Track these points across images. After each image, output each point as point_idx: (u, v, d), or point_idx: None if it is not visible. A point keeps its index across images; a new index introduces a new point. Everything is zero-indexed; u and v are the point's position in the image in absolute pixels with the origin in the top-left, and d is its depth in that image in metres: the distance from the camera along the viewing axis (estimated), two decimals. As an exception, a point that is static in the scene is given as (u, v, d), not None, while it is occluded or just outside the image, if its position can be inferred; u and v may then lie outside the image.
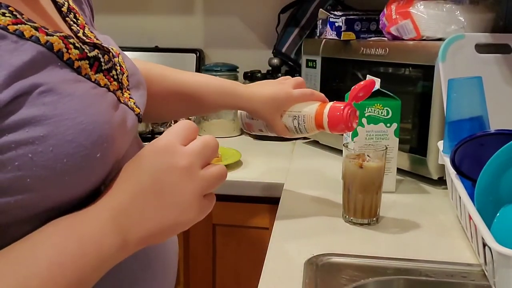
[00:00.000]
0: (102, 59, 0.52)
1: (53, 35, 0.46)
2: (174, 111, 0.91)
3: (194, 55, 1.71)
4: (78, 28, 0.56)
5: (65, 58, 0.47)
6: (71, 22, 0.56)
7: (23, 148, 0.41)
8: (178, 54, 1.72)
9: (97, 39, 0.57)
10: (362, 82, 0.82)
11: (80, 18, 0.58)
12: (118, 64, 0.56)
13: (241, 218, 1.15)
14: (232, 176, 1.15)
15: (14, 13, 0.44)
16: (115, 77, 0.54)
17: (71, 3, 0.59)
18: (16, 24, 0.43)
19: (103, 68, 0.52)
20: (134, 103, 0.56)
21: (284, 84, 0.88)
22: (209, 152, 0.50)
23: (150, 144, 0.50)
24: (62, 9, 0.56)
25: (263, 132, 0.92)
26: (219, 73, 1.57)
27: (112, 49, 0.58)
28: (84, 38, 0.55)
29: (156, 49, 1.76)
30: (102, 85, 0.51)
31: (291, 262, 0.71)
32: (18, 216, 0.43)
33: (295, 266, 0.70)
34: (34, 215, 0.44)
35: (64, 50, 0.47)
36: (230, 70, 1.61)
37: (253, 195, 1.12)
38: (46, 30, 0.46)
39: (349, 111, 0.80)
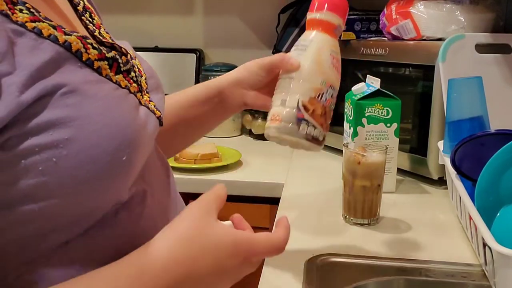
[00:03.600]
0: (120, 60, 0.50)
1: (71, 35, 0.44)
2: (181, 142, 0.84)
3: (194, 55, 1.71)
4: (94, 27, 0.54)
5: (84, 59, 0.45)
6: (87, 22, 0.54)
7: (47, 152, 0.39)
8: (178, 54, 1.72)
9: (112, 40, 0.55)
10: None
11: (95, 18, 0.57)
12: (136, 66, 0.54)
13: (241, 218, 1.15)
14: (232, 176, 1.15)
15: (31, 10, 0.42)
16: (134, 79, 0.52)
17: (86, 2, 0.57)
18: (34, 21, 0.41)
19: (122, 69, 0.50)
20: (154, 105, 0.54)
21: None
22: None
23: (215, 228, 0.48)
24: (78, 8, 0.55)
25: None
26: (219, 73, 1.57)
27: (128, 51, 0.56)
28: (101, 37, 0.53)
29: (156, 49, 1.75)
30: (123, 86, 0.49)
31: (291, 262, 0.71)
32: (41, 228, 0.42)
33: (295, 266, 0.70)
34: (56, 226, 0.43)
35: (83, 50, 0.45)
36: (230, 70, 1.60)
37: (253, 195, 1.12)
38: (63, 29, 0.44)
39: None
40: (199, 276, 0.45)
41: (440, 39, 1.01)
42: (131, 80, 0.51)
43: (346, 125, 1.02)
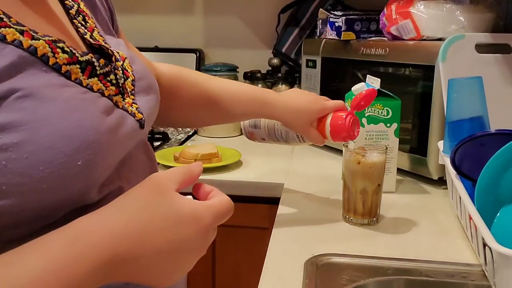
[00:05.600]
0: (96, 63, 0.51)
1: (39, 39, 0.45)
2: (202, 117, 0.91)
3: (194, 55, 1.71)
4: (85, 30, 0.55)
5: (51, 63, 0.45)
6: (79, 24, 0.55)
7: None
8: (178, 54, 1.72)
9: (105, 43, 0.56)
10: (364, 91, 0.82)
11: (89, 21, 0.58)
12: (120, 68, 0.55)
13: (241, 218, 1.15)
14: (232, 176, 1.15)
15: (0, 16, 0.43)
16: (114, 81, 0.53)
17: (82, 6, 0.59)
18: None
19: (98, 72, 0.51)
20: (137, 108, 0.55)
21: (317, 96, 0.88)
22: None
23: (184, 206, 0.45)
24: (70, 11, 0.56)
25: (265, 140, 0.95)
26: (219, 73, 1.57)
27: (118, 53, 0.57)
28: (91, 40, 0.54)
29: (156, 49, 1.75)
30: (96, 90, 0.49)
31: (291, 262, 0.71)
32: (5, 222, 0.42)
33: (295, 266, 0.70)
34: (25, 220, 0.43)
35: (50, 54, 0.46)
36: (230, 70, 1.60)
37: (253, 195, 1.12)
38: (33, 34, 0.45)
39: (351, 120, 0.81)
40: (152, 249, 0.43)
41: (440, 39, 1.01)
42: (108, 83, 0.52)
43: (346, 125, 1.02)
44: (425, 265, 0.70)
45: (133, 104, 0.55)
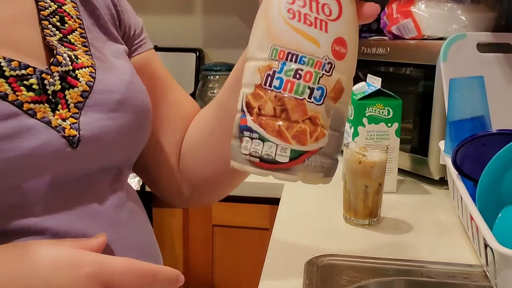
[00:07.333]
0: (4, 63, 0.46)
1: None
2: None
3: (194, 54, 1.71)
4: (56, 31, 0.53)
5: None
6: (49, 26, 0.52)
7: None
8: (178, 53, 1.71)
9: (85, 46, 0.54)
10: None
11: (69, 22, 0.55)
12: (58, 75, 0.50)
13: (241, 219, 1.14)
14: (232, 176, 1.14)
15: None
16: (35, 87, 0.48)
17: (66, 7, 0.55)
18: None
19: (6, 74, 0.46)
20: (73, 123, 0.49)
21: None
22: None
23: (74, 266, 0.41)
24: (42, 12, 0.53)
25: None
26: (219, 72, 1.57)
27: (79, 58, 0.52)
28: (53, 41, 0.51)
29: (156, 49, 1.74)
30: None
31: (291, 263, 0.71)
32: None
33: (295, 267, 0.69)
34: None
35: None
36: (230, 70, 1.58)
37: (253, 195, 1.11)
38: None
39: None
40: None
41: (441, 39, 1.01)
42: (23, 88, 0.47)
43: (346, 124, 1.01)
44: (426, 266, 0.70)
45: (70, 118, 0.49)
